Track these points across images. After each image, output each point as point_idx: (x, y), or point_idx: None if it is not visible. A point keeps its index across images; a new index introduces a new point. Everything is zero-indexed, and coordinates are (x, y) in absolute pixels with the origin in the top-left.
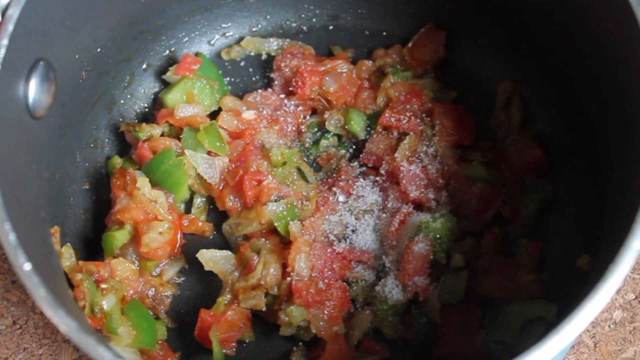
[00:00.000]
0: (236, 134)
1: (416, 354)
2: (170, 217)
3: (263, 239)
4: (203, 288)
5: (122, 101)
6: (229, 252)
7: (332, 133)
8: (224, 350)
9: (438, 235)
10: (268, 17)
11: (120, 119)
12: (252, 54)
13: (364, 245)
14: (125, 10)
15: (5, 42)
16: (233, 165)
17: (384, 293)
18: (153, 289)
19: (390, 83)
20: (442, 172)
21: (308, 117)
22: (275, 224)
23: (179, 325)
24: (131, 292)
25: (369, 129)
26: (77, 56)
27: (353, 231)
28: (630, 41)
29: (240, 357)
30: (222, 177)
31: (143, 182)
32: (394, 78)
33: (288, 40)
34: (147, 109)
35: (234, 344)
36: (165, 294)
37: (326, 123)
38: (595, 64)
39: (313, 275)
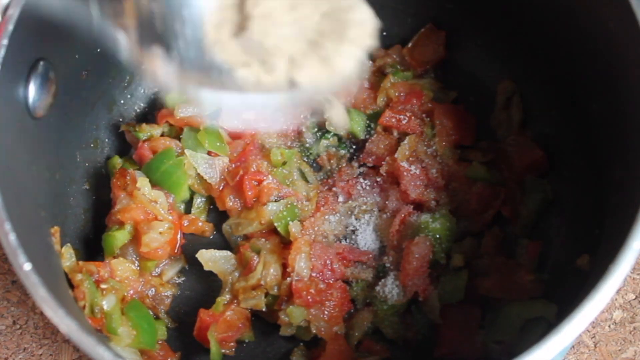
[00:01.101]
0: (236, 134)
1: (416, 354)
2: (170, 217)
3: (263, 239)
4: (203, 288)
5: (122, 101)
6: (229, 252)
7: (332, 133)
8: (223, 350)
9: (438, 236)
10: None
11: (120, 119)
12: None
13: (364, 245)
14: None
15: (5, 42)
16: (233, 166)
17: (384, 293)
18: (153, 289)
19: (390, 83)
20: (442, 172)
21: (308, 117)
22: (275, 224)
23: (179, 325)
24: (131, 292)
25: (369, 129)
26: (77, 56)
27: (353, 231)
28: (630, 41)
29: (240, 357)
30: (222, 177)
31: (143, 182)
32: (394, 78)
33: None
34: (147, 109)
35: (232, 344)
36: (165, 294)
37: (326, 123)
38: (595, 63)
39: (313, 275)
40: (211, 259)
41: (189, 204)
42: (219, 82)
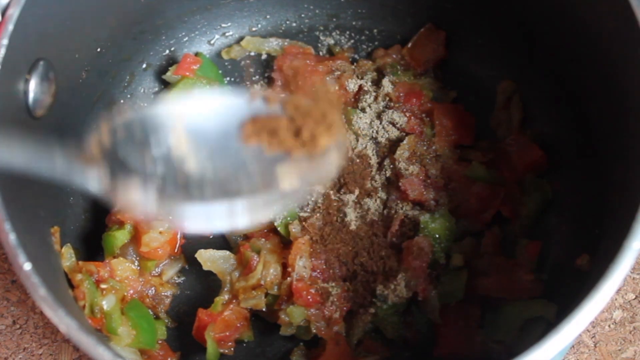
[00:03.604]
0: None
1: (416, 354)
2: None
3: (263, 239)
4: (203, 288)
5: (122, 101)
6: (228, 252)
7: None
8: (222, 350)
9: (437, 235)
10: (268, 16)
11: None
12: (252, 53)
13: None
14: (125, 10)
15: (5, 42)
16: None
17: (383, 293)
18: (153, 289)
19: (390, 83)
20: (442, 172)
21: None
22: (275, 224)
23: (178, 325)
24: (131, 292)
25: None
26: (77, 56)
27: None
28: (631, 41)
29: (239, 357)
30: None
31: None
32: (393, 78)
33: (288, 40)
34: None
35: (231, 344)
36: (165, 293)
37: None
38: (595, 64)
39: (313, 275)
40: (210, 258)
41: None
42: (200, 194)
